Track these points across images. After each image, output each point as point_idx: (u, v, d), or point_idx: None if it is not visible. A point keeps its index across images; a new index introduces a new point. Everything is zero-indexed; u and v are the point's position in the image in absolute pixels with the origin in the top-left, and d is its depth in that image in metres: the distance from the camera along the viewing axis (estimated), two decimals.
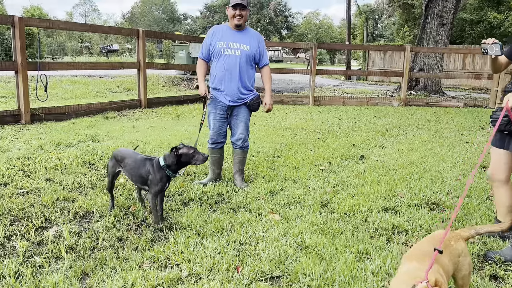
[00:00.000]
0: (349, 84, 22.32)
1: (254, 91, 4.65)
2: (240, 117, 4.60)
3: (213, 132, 4.61)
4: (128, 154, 3.70)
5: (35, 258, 2.96)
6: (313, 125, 8.86)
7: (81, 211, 3.84)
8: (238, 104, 4.54)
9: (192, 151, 3.52)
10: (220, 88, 4.48)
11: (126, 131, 7.54)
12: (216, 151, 4.66)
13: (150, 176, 3.51)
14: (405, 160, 5.89)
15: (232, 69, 4.42)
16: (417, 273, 1.86)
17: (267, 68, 4.72)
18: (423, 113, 11.38)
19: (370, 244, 3.21)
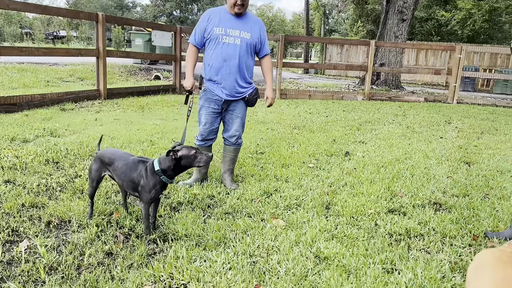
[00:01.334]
0: (309, 78, 22.31)
1: (253, 84, 4.23)
2: (236, 112, 4.18)
3: (205, 128, 4.14)
4: (118, 156, 3.19)
5: (8, 283, 2.42)
6: (286, 119, 8.58)
7: (54, 219, 3.30)
8: (236, 98, 4.11)
9: (193, 152, 3.03)
10: (216, 80, 4.02)
11: (88, 125, 6.87)
12: (204, 149, 4.21)
13: (142, 182, 3.02)
14: (390, 156, 5.74)
15: (231, 59, 3.96)
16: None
17: (268, 58, 4.31)
18: (388, 107, 11.45)
19: (392, 252, 2.94)
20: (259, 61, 4.30)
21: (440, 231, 3.37)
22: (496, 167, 5.39)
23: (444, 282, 2.55)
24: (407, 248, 3.04)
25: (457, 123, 9.22)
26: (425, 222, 3.54)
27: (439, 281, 2.55)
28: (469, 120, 9.83)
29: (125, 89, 10.26)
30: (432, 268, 2.70)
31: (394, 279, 2.56)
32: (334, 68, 15.35)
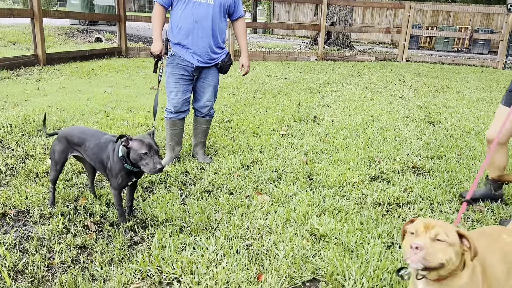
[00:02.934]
0: (259, 38, 21.77)
1: (225, 49, 3.84)
2: (209, 80, 3.79)
3: (177, 98, 3.72)
4: (90, 135, 2.76)
5: None
6: (246, 82, 8.25)
7: (9, 210, 2.87)
8: (208, 65, 3.72)
9: (143, 151, 2.47)
10: (186, 44, 3.59)
11: (30, 95, 6.18)
12: (178, 122, 3.82)
13: (109, 165, 2.65)
14: (357, 119, 5.65)
15: (203, 21, 3.53)
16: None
17: (242, 21, 3.90)
18: (343, 68, 11.40)
19: (387, 224, 2.83)
20: (232, 24, 3.90)
21: (427, 197, 3.32)
22: (460, 126, 5.47)
23: None
24: (401, 218, 2.95)
25: (411, 82, 9.34)
26: (409, 189, 3.47)
27: None
28: (421, 78, 10.00)
29: (67, 54, 9.38)
30: None
31: (398, 255, 2.45)
32: (287, 27, 15.04)
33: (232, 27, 3.95)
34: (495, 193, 3.24)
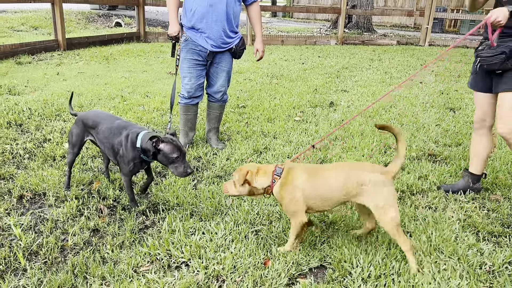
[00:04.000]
0: (278, 22, 21.52)
1: (239, 33, 3.80)
2: (222, 66, 3.77)
3: (191, 84, 3.71)
4: (103, 118, 2.81)
5: None
6: (262, 67, 8.20)
7: (26, 193, 2.95)
8: (222, 50, 3.70)
9: (175, 156, 2.55)
10: (200, 28, 3.56)
11: (50, 80, 6.29)
12: (191, 108, 3.83)
13: (121, 151, 2.69)
14: (375, 105, 5.56)
15: (218, 4, 3.49)
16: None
17: (256, 5, 3.84)
18: (363, 52, 11.19)
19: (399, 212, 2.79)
20: (247, 8, 3.86)
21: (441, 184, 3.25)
22: None
23: (458, 243, 2.44)
24: (413, 206, 2.90)
25: (433, 67, 9.11)
26: (424, 176, 3.41)
27: (453, 243, 2.43)
28: (444, 63, 9.74)
29: (86, 38, 9.48)
30: (444, 229, 2.58)
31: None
32: (306, 11, 14.78)
33: (246, 12, 3.90)
34: (474, 186, 3.15)
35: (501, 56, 2.67)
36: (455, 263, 2.27)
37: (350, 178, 2.18)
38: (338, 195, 2.20)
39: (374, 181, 2.16)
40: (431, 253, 2.35)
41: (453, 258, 2.31)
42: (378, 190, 2.15)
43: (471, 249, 2.39)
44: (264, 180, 2.30)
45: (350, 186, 2.17)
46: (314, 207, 2.26)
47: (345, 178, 2.18)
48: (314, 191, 2.22)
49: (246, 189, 2.32)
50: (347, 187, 2.18)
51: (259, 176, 2.30)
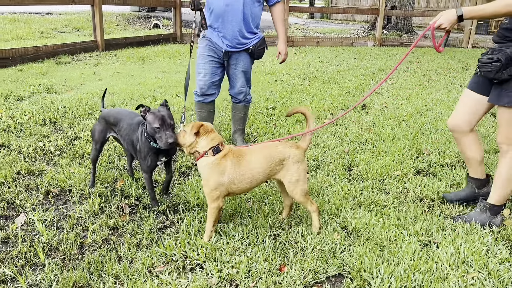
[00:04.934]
0: (315, 23, 21.33)
1: (258, 33, 3.72)
2: (240, 67, 3.69)
3: (204, 80, 3.66)
4: (124, 116, 2.84)
5: (2, 268, 2.16)
6: (295, 68, 8.11)
7: (53, 189, 3.01)
8: (237, 50, 3.62)
9: (156, 126, 2.46)
10: (217, 27, 3.52)
11: (86, 79, 6.46)
12: (205, 106, 3.79)
13: (138, 146, 2.70)
14: (410, 108, 5.36)
15: (235, 4, 3.44)
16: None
17: (280, 6, 3.77)
18: (401, 54, 10.87)
19: (426, 221, 2.66)
20: (269, 9, 3.78)
21: None
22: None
23: (489, 257, 2.28)
24: (443, 216, 2.75)
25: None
26: (457, 184, 3.23)
27: (484, 256, 2.27)
28: None
29: (124, 40, 9.71)
30: (475, 241, 2.42)
31: (434, 255, 2.29)
32: (343, 12, 14.54)
33: (270, 13, 3.83)
34: (479, 191, 2.90)
35: (496, 64, 2.38)
36: (484, 278, 2.12)
37: (272, 157, 2.32)
38: (262, 175, 2.33)
39: (293, 156, 2.33)
40: (459, 266, 2.21)
41: (482, 272, 2.16)
42: (295, 166, 2.33)
43: (503, 264, 2.23)
44: (205, 144, 2.33)
45: (273, 164, 2.32)
46: (236, 191, 2.37)
47: (268, 159, 2.32)
48: (239, 176, 2.31)
49: (191, 139, 2.33)
50: (270, 166, 2.32)
51: (206, 137, 2.33)
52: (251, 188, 2.41)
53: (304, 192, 2.39)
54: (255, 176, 2.33)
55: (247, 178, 2.33)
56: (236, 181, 2.32)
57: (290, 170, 2.35)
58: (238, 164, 2.32)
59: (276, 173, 2.37)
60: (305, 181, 2.39)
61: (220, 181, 2.30)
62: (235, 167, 2.31)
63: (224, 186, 2.31)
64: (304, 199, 2.41)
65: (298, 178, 2.36)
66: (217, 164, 2.30)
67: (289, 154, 2.34)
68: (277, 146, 2.37)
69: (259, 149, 2.40)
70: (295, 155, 2.35)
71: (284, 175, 2.36)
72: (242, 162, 2.33)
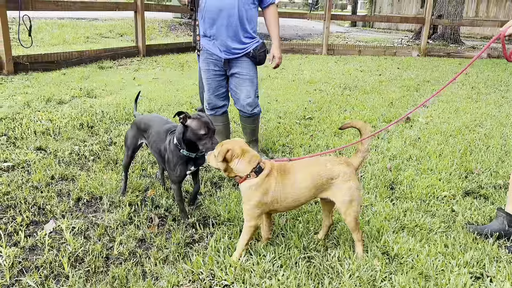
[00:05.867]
0: (357, 32, 20.94)
1: (257, 38, 3.50)
2: (243, 74, 3.46)
3: (209, 94, 3.54)
4: (155, 122, 2.77)
5: (24, 279, 2.10)
6: (335, 78, 7.89)
7: (84, 195, 2.97)
8: (236, 56, 3.41)
9: (202, 132, 2.41)
10: (211, 35, 3.34)
11: (126, 84, 6.53)
12: (218, 119, 3.64)
13: (166, 156, 2.60)
14: (457, 123, 5.04)
15: (229, 9, 3.25)
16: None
17: (273, 8, 3.53)
18: (447, 65, 10.41)
19: (478, 250, 2.41)
20: (263, 12, 3.55)
21: None
22: None
23: None
24: (496, 245, 2.49)
25: None
26: None
27: None
28: None
29: (165, 46, 9.83)
30: None
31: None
32: (387, 20, 14.19)
33: (263, 15, 3.57)
34: (510, 228, 2.55)
35: None
36: None
37: (320, 175, 2.15)
38: (307, 194, 2.18)
39: (343, 175, 2.15)
40: None
41: None
42: (347, 184, 2.15)
43: None
44: (243, 168, 2.16)
45: (320, 183, 2.15)
46: (279, 209, 2.23)
47: (315, 177, 2.15)
48: (283, 195, 2.16)
49: (223, 165, 2.19)
50: (317, 185, 2.16)
51: (242, 160, 2.16)
52: (295, 207, 2.25)
53: (357, 215, 2.20)
54: (300, 195, 2.18)
55: (291, 198, 2.17)
56: (279, 200, 2.17)
57: (342, 190, 2.16)
58: (283, 183, 2.16)
59: (322, 191, 2.20)
60: (359, 203, 2.21)
61: (263, 200, 2.16)
62: (279, 186, 2.16)
63: (267, 205, 2.17)
64: (355, 223, 2.21)
65: (351, 198, 2.17)
66: (261, 185, 2.15)
67: (339, 173, 2.16)
68: (325, 164, 2.19)
69: (305, 166, 2.22)
70: (345, 174, 2.17)
71: (334, 194, 2.18)
72: (287, 180, 2.17)
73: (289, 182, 2.16)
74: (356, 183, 2.19)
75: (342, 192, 2.16)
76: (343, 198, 2.17)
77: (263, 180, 2.15)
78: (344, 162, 2.20)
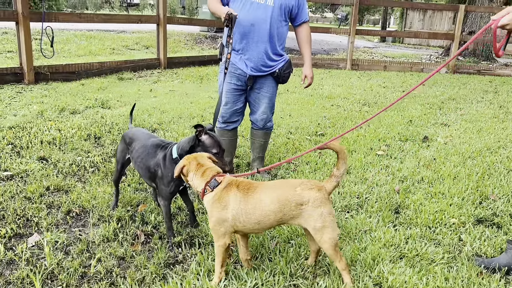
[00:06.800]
0: (385, 47, 20.59)
1: (284, 55, 3.46)
2: (264, 91, 3.46)
3: (226, 108, 3.47)
4: (138, 136, 2.71)
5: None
6: (356, 93, 7.69)
7: (75, 208, 2.91)
8: (263, 74, 3.38)
9: (214, 151, 2.41)
10: (240, 49, 3.29)
11: (142, 96, 6.54)
12: (227, 133, 3.56)
13: (159, 172, 2.50)
14: (479, 144, 4.75)
15: (261, 24, 3.20)
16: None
17: (306, 26, 3.51)
18: (477, 82, 10.01)
19: (482, 286, 2.18)
20: (295, 30, 3.54)
21: None
22: None
23: None
24: (504, 281, 2.25)
25: None
26: None
27: None
28: None
29: (186, 58, 9.87)
30: None
31: None
32: (414, 36, 13.84)
33: (295, 33, 3.57)
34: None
35: None
36: None
37: (288, 200, 2.01)
38: (272, 219, 2.03)
39: (313, 200, 2.01)
40: None
41: None
42: (318, 211, 2.01)
43: None
44: (198, 182, 2.13)
45: (288, 208, 2.01)
46: (244, 230, 2.09)
47: (282, 202, 2.01)
48: (245, 215, 2.03)
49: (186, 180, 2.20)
50: (284, 210, 2.01)
51: (196, 175, 2.13)
52: (260, 229, 2.09)
53: (334, 242, 2.03)
54: (265, 218, 2.02)
55: (254, 219, 2.02)
56: (241, 219, 2.03)
57: (313, 216, 2.01)
58: (245, 200, 2.03)
59: (292, 218, 2.04)
60: (334, 229, 2.04)
61: (223, 216, 2.04)
62: (240, 202, 2.03)
63: (228, 222, 2.04)
64: (333, 251, 2.05)
65: (323, 224, 2.01)
66: (218, 199, 2.06)
67: (309, 198, 2.01)
68: (295, 188, 2.04)
69: (273, 188, 2.09)
70: (316, 199, 2.02)
71: (306, 221, 2.03)
72: (251, 199, 2.03)
73: (253, 201, 2.03)
74: (328, 208, 2.04)
75: (314, 218, 2.01)
76: (314, 225, 2.01)
77: (219, 195, 2.06)
78: (315, 187, 2.05)
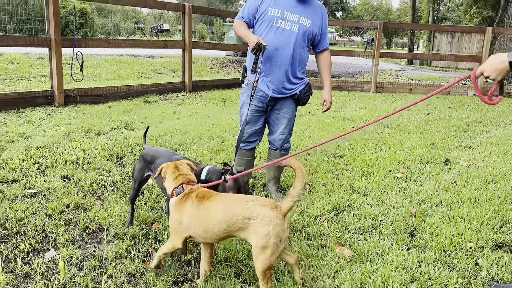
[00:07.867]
0: (412, 70, 20.39)
1: (305, 78, 3.55)
2: (283, 112, 3.53)
3: (246, 128, 3.52)
4: (161, 153, 2.81)
5: None
6: (378, 116, 7.63)
7: (91, 225, 3.00)
8: (284, 96, 3.46)
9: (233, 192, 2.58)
10: (263, 71, 3.37)
11: (165, 118, 6.71)
12: (244, 153, 3.62)
13: None
14: (503, 167, 4.62)
15: (284, 49, 3.30)
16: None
17: (327, 53, 3.59)
18: (506, 105, 9.76)
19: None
20: (316, 56, 3.62)
21: None
22: None
23: None
24: None
25: None
26: None
27: None
28: None
29: (211, 82, 10.08)
30: None
31: None
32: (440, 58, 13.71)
33: (315, 59, 3.65)
34: None
35: None
36: None
37: (235, 212, 2.02)
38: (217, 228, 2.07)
39: (262, 217, 1.97)
40: None
41: None
42: (264, 229, 1.96)
43: None
44: (168, 186, 2.31)
45: (234, 220, 2.02)
46: (196, 237, 2.17)
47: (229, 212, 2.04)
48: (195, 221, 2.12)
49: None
50: (229, 222, 2.03)
51: (168, 179, 2.31)
52: (210, 239, 2.14)
53: (266, 266, 1.97)
54: (211, 227, 2.08)
55: (202, 227, 2.10)
56: (192, 226, 2.13)
57: (258, 233, 1.97)
58: (197, 207, 2.13)
59: (238, 230, 2.04)
60: (273, 253, 1.97)
61: (179, 220, 2.17)
62: (193, 209, 2.13)
63: (182, 227, 2.16)
64: (263, 274, 1.99)
65: (265, 245, 1.96)
66: (177, 204, 2.21)
67: (258, 214, 1.98)
68: (246, 202, 2.05)
69: (224, 199, 2.16)
70: (265, 217, 1.97)
71: (250, 235, 2.00)
72: (202, 208, 2.12)
73: (203, 210, 2.11)
74: (277, 230, 1.97)
75: (258, 235, 1.97)
76: (257, 242, 1.98)
77: (177, 201, 2.21)
78: (268, 205, 2.01)
